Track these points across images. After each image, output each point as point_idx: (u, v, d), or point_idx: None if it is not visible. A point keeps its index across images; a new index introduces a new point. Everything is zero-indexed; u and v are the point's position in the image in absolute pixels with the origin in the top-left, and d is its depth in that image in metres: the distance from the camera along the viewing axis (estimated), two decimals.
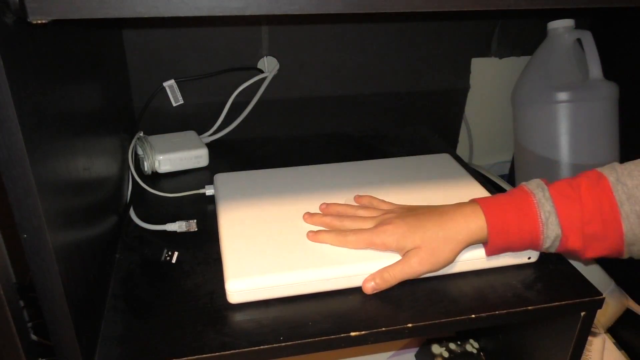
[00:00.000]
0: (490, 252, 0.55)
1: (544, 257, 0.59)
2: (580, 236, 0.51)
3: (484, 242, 0.54)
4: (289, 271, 0.52)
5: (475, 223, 0.52)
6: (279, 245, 0.55)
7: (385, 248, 0.54)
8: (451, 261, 0.54)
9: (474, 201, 0.55)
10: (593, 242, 0.51)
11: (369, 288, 0.53)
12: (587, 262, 0.55)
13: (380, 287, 0.53)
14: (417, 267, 0.52)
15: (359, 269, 0.53)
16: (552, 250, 0.53)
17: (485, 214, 0.52)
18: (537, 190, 0.53)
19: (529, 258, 0.57)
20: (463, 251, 0.55)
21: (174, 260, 0.57)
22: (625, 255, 0.53)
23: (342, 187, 0.66)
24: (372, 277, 0.53)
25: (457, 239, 0.53)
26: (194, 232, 0.63)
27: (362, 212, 0.60)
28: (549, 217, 0.51)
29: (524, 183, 0.55)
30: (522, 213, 0.52)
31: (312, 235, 0.56)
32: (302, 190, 0.66)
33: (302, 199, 0.63)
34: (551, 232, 0.51)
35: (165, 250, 0.57)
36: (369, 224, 0.56)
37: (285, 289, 0.52)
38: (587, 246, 0.51)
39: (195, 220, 0.63)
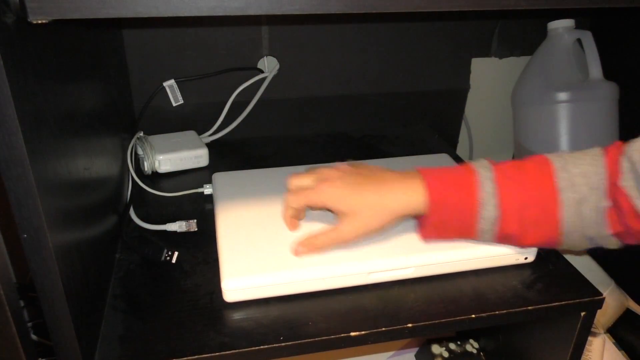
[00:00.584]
0: (424, 229, 0.54)
1: (544, 257, 0.59)
2: (518, 220, 0.51)
3: (419, 215, 0.54)
4: (285, 270, 0.52)
5: (415, 197, 0.52)
6: (275, 244, 0.55)
7: (323, 206, 0.54)
8: (383, 230, 0.53)
9: (417, 172, 0.53)
10: (530, 228, 0.51)
11: (299, 253, 0.53)
12: (525, 247, 0.55)
13: (310, 253, 0.53)
14: (347, 235, 0.53)
15: (355, 268, 0.53)
16: (489, 236, 0.52)
17: (427, 189, 0.51)
18: (481, 170, 0.52)
19: (526, 258, 0.57)
20: (462, 251, 0.55)
21: (174, 260, 0.57)
22: (562, 245, 0.53)
23: None
24: (303, 244, 0.53)
25: (392, 210, 0.52)
26: (194, 231, 0.63)
27: (306, 175, 0.58)
28: (489, 198, 0.50)
29: (471, 162, 0.54)
30: (462, 191, 0.51)
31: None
32: None
33: None
34: (488, 213, 0.51)
35: (165, 250, 0.57)
36: (311, 184, 0.56)
37: (281, 288, 0.52)
38: (524, 232, 0.51)
39: (195, 220, 0.63)
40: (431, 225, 0.53)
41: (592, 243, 0.52)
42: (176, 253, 0.57)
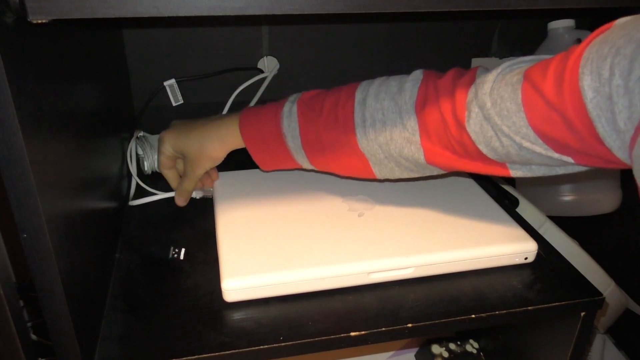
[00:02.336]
0: (256, 160, 0.61)
1: (544, 257, 0.59)
2: (320, 148, 0.57)
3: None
4: (285, 270, 0.52)
5: (231, 141, 0.61)
6: (275, 244, 0.55)
7: (165, 156, 0.65)
8: (218, 160, 0.63)
9: (237, 117, 0.61)
10: (335, 161, 0.58)
11: (180, 203, 0.67)
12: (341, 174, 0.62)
13: (186, 201, 0.67)
14: (193, 175, 0.64)
15: (355, 268, 0.53)
16: (303, 157, 0.59)
17: (240, 126, 0.60)
18: (287, 127, 0.58)
19: (526, 258, 0.57)
20: (462, 251, 0.55)
21: (182, 257, 0.57)
22: (379, 176, 0.58)
23: (340, 186, 0.66)
24: (178, 198, 0.66)
25: (212, 155, 0.62)
26: (191, 236, 0.63)
27: None
28: (292, 137, 0.58)
29: (288, 99, 0.60)
30: (269, 133, 0.59)
31: None
32: (300, 189, 0.66)
33: (300, 199, 0.63)
34: (293, 144, 0.58)
35: (172, 248, 0.57)
36: None
37: (281, 288, 0.52)
38: (328, 163, 0.58)
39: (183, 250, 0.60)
40: (255, 155, 0.61)
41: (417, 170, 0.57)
42: (183, 250, 0.57)
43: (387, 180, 0.63)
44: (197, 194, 0.69)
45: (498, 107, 0.47)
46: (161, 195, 0.69)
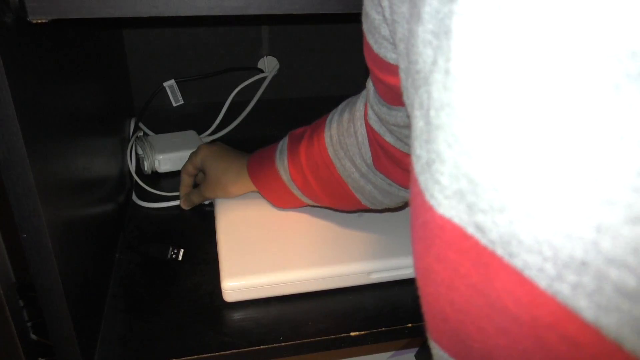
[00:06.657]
0: (272, 201, 0.61)
1: None
2: (308, 188, 0.56)
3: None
4: (284, 270, 0.52)
5: (247, 186, 0.62)
6: (275, 244, 0.55)
7: (193, 164, 0.65)
8: (229, 195, 0.63)
9: (246, 167, 0.61)
10: (322, 190, 0.55)
11: (184, 206, 0.67)
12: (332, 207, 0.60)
13: (189, 207, 0.67)
14: (207, 195, 0.64)
15: (355, 268, 0.53)
16: (299, 193, 0.58)
17: (254, 181, 0.60)
18: (279, 161, 0.58)
19: None
20: None
21: (180, 258, 0.57)
22: (366, 203, 0.54)
23: None
24: (183, 202, 0.66)
25: (227, 190, 0.62)
26: (191, 236, 0.63)
27: None
28: (284, 170, 0.57)
29: (280, 146, 0.59)
30: (269, 172, 0.59)
31: None
32: None
33: None
34: (286, 177, 0.57)
35: (171, 248, 0.57)
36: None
37: (281, 288, 0.52)
38: (318, 195, 0.56)
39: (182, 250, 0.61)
40: (267, 197, 0.61)
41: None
42: (182, 250, 0.57)
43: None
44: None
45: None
46: (161, 195, 0.69)
